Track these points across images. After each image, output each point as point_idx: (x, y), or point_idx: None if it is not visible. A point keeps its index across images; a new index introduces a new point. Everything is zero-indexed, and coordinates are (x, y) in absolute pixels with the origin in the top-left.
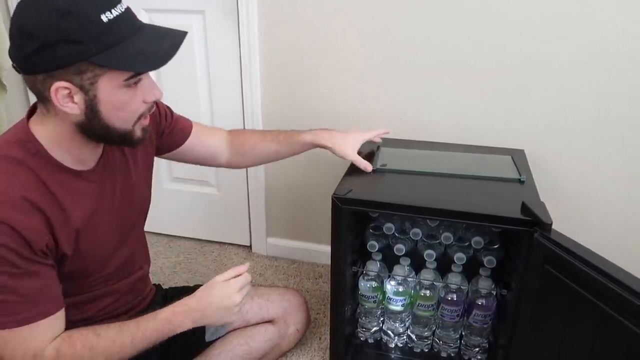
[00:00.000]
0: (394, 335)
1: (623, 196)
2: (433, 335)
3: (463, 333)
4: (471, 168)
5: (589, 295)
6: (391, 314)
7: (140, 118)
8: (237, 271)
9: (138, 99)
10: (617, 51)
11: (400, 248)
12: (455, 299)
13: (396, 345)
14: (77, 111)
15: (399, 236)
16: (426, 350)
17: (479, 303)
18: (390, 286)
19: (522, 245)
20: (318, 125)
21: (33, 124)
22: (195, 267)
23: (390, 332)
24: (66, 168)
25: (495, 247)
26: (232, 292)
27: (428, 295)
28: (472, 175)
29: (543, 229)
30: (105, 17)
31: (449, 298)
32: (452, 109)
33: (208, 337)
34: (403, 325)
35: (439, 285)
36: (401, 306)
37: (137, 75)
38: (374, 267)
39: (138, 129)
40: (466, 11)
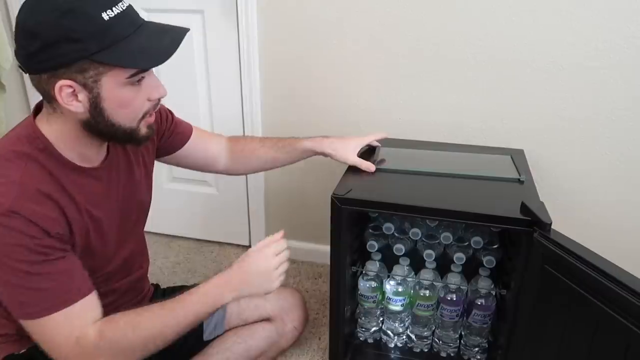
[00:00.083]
0: (394, 335)
1: (623, 196)
2: (432, 335)
3: (462, 333)
4: (470, 168)
5: (588, 295)
6: (390, 314)
7: (145, 116)
8: (272, 239)
9: (142, 97)
10: (617, 51)
11: (399, 248)
12: (454, 299)
13: (396, 345)
14: (82, 109)
15: (399, 236)
16: (426, 350)
17: (479, 303)
18: (389, 286)
19: (522, 245)
20: (317, 124)
21: (39, 122)
22: (194, 267)
23: (389, 332)
24: (74, 165)
25: (494, 247)
26: (268, 257)
27: (427, 295)
28: (472, 175)
29: (542, 229)
30: (106, 15)
31: (449, 298)
32: (452, 109)
33: (206, 336)
34: (402, 325)
35: (439, 285)
36: (400, 306)
37: (140, 72)
38: (374, 267)
39: (143, 127)
40: (466, 11)
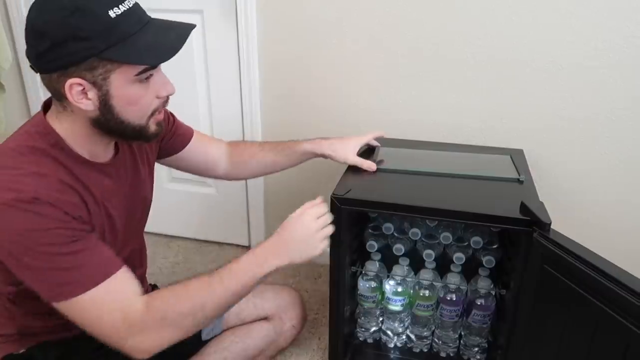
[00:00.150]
0: (393, 335)
1: (622, 196)
2: (432, 335)
3: (462, 333)
4: (470, 168)
5: (588, 295)
6: (390, 314)
7: (154, 113)
8: (312, 203)
9: (151, 94)
10: (617, 51)
11: (399, 248)
12: (454, 299)
13: (395, 345)
14: (92, 107)
15: (398, 236)
16: (425, 350)
17: (478, 303)
18: (389, 286)
19: (521, 245)
20: (317, 124)
21: (49, 119)
22: (193, 267)
23: (389, 332)
24: (85, 160)
25: (494, 247)
26: (307, 222)
27: (427, 295)
28: (471, 175)
29: (542, 229)
30: (113, 13)
31: (448, 298)
32: (451, 109)
33: (204, 336)
34: (402, 325)
35: (438, 285)
36: (400, 306)
37: (148, 70)
38: (373, 267)
39: (152, 124)
40: (465, 11)
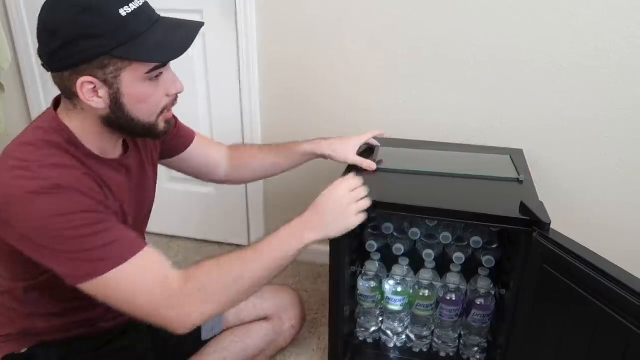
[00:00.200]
0: (393, 335)
1: (622, 196)
2: (432, 335)
3: (462, 333)
4: (470, 168)
5: (588, 294)
6: (390, 314)
7: (163, 111)
8: (347, 176)
9: (160, 92)
10: (617, 51)
11: (399, 248)
12: (454, 299)
13: (395, 345)
14: (103, 105)
15: (398, 236)
16: (425, 350)
17: (478, 303)
18: (389, 286)
19: (521, 244)
20: (316, 124)
21: (60, 116)
22: None
23: (389, 332)
24: (97, 156)
25: (493, 247)
26: (341, 195)
27: (427, 295)
28: (471, 175)
29: (541, 229)
30: (123, 12)
31: (448, 298)
32: (451, 109)
33: (204, 336)
34: (402, 325)
35: (438, 285)
36: (400, 306)
37: (158, 68)
38: (373, 267)
39: (162, 122)
40: (465, 11)
